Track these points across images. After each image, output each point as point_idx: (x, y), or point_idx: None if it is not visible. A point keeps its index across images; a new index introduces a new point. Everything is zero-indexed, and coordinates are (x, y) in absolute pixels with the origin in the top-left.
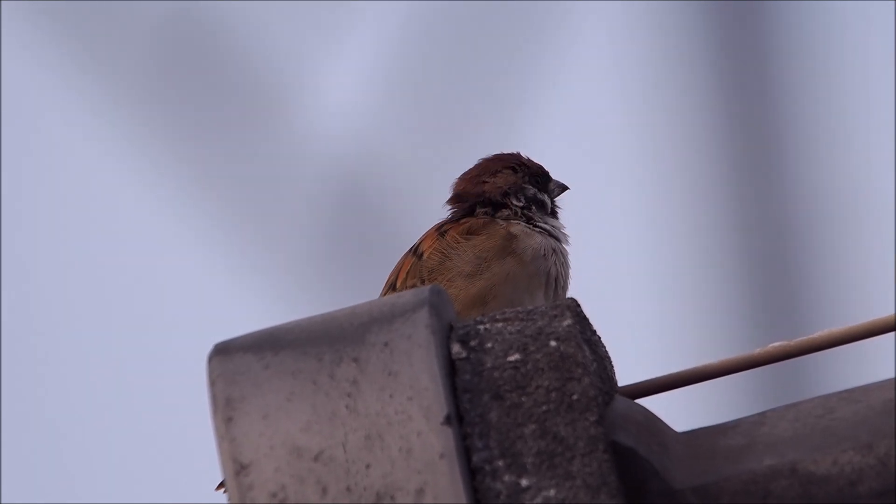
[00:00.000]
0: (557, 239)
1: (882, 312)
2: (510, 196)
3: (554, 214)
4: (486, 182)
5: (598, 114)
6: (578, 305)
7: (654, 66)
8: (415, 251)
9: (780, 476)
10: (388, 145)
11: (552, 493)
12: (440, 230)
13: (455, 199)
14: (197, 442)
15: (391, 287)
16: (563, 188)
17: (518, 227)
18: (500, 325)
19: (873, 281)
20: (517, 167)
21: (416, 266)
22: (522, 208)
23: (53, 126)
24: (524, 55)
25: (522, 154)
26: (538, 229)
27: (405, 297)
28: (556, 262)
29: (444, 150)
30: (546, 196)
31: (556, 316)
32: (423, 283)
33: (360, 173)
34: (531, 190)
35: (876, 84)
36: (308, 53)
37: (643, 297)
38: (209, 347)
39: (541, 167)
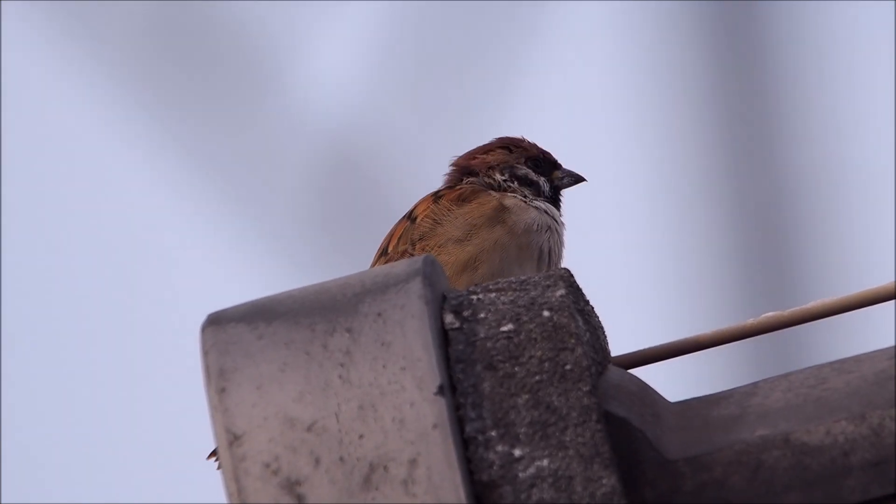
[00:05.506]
0: (554, 219)
1: (875, 282)
2: (495, 171)
3: (553, 200)
4: (476, 158)
5: (591, 83)
6: (571, 275)
7: (649, 37)
8: (409, 216)
9: (772, 446)
10: (381, 114)
11: (545, 463)
12: (436, 196)
13: (450, 171)
14: (191, 413)
15: (383, 252)
16: (576, 179)
17: (512, 201)
18: (493, 295)
19: (866, 251)
20: (512, 148)
21: (409, 230)
22: (506, 183)
23: (47, 98)
24: (519, 27)
25: (528, 139)
26: (534, 206)
27: (398, 267)
28: (550, 238)
29: (436, 119)
30: (544, 180)
31: (549, 286)
32: (413, 247)
33: (353, 142)
34: (522, 170)
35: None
36: (301, 22)
37: (636, 267)
38: (202, 318)
39: (544, 153)
